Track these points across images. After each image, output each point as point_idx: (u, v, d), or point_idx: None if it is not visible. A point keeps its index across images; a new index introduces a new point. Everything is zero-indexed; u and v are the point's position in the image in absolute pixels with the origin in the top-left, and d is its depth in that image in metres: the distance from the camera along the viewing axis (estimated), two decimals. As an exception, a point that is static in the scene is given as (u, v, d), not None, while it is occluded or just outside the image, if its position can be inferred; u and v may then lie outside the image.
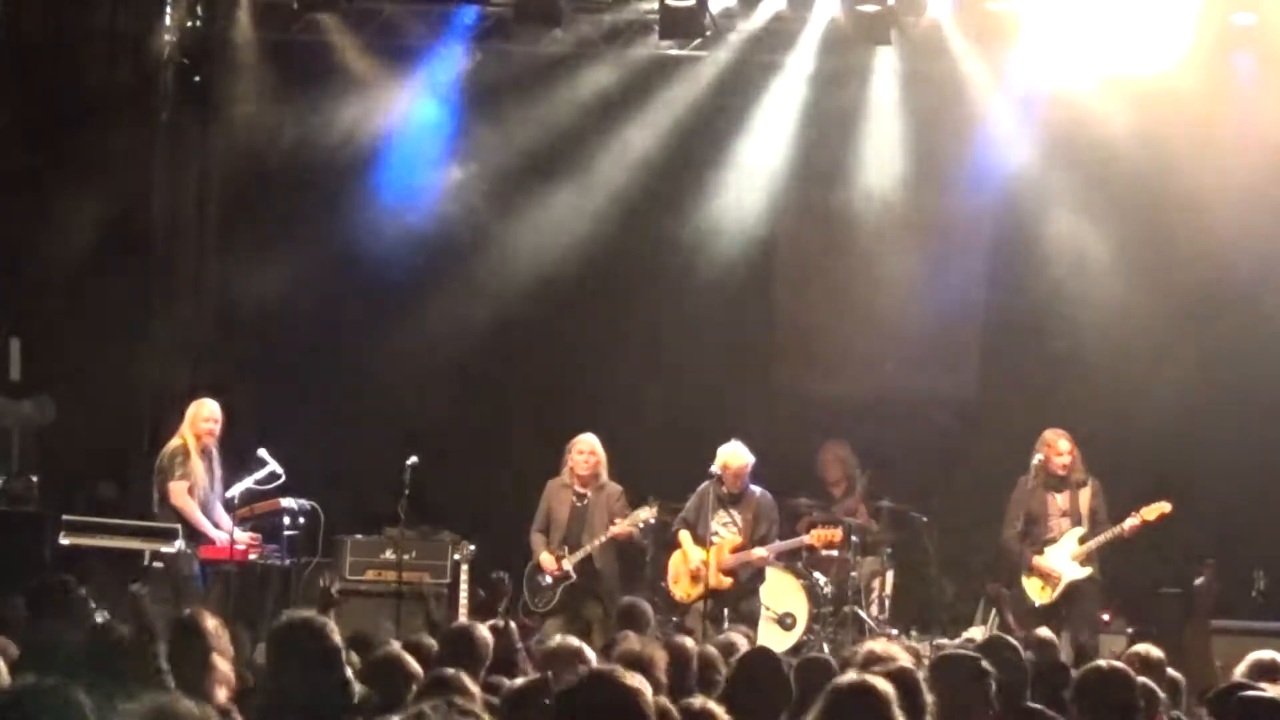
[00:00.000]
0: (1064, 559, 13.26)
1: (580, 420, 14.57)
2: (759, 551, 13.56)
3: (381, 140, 15.60)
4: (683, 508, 14.00)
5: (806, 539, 13.92)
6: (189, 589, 12.78)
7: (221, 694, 7.07)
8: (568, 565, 13.30)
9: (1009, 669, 7.37)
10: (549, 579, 13.37)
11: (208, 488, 13.06)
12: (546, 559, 13.38)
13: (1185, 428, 15.70)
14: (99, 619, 8.52)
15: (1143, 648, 9.31)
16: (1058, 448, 13.31)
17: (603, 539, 13.24)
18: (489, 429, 15.68)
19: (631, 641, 8.39)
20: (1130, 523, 13.18)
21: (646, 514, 13.30)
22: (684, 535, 13.68)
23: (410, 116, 15.61)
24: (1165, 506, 13.21)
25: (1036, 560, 13.29)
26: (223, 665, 7.38)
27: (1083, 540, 13.24)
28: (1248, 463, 15.48)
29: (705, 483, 13.55)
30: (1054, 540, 13.31)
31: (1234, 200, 15.12)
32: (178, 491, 12.93)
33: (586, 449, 13.44)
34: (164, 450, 13.14)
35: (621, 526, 13.21)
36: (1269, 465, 15.34)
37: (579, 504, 13.44)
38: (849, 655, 8.46)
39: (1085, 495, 13.33)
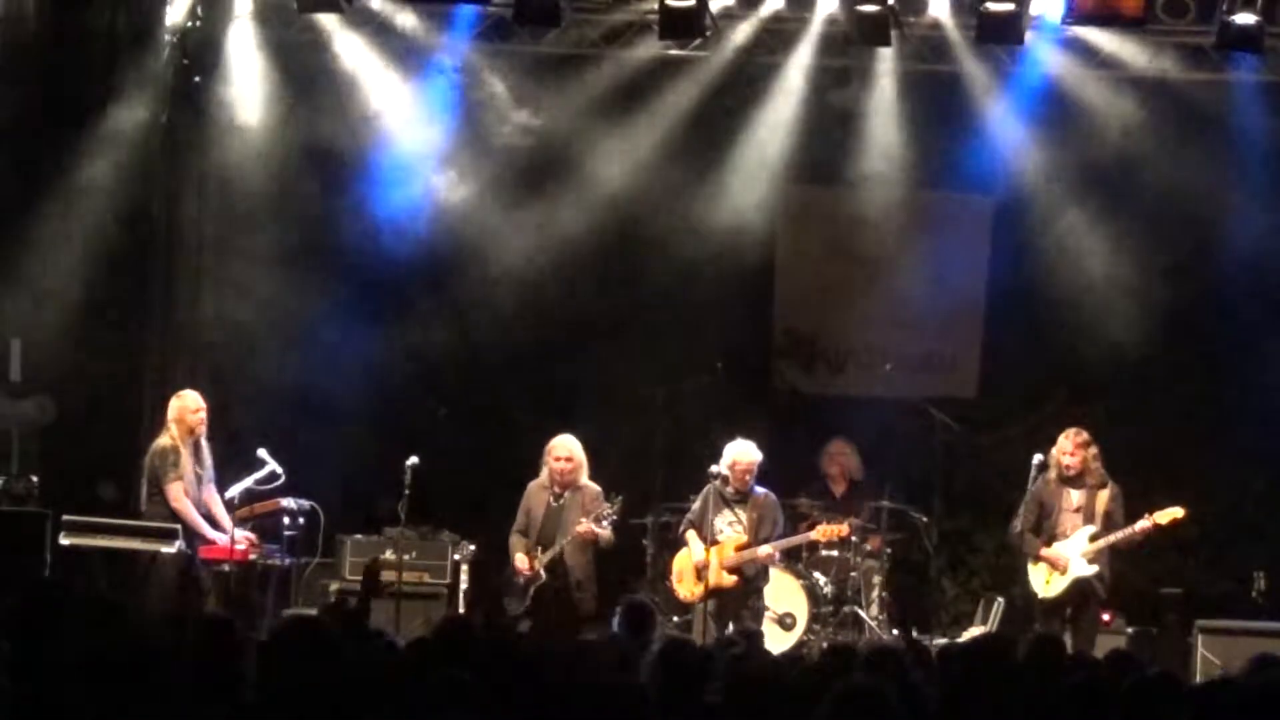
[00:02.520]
0: (1073, 553, 13.19)
1: (580, 420, 14.56)
2: (764, 549, 13.55)
3: (381, 140, 15.60)
4: (682, 508, 14.02)
5: (812, 534, 13.92)
6: (189, 588, 12.80)
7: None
8: (538, 566, 13.27)
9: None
10: (522, 580, 13.33)
11: (197, 486, 13.07)
12: (521, 559, 13.33)
13: (1187, 428, 15.72)
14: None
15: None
16: (1062, 448, 13.26)
17: (569, 539, 13.19)
18: (489, 429, 15.67)
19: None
20: (1142, 525, 13.11)
21: (608, 510, 13.22)
22: (691, 534, 13.66)
23: (410, 116, 15.59)
24: (1178, 512, 13.15)
25: (1045, 551, 13.23)
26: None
27: (1093, 539, 13.19)
28: (1249, 463, 15.49)
29: (709, 484, 13.52)
30: (1064, 536, 13.24)
31: (1237, 198, 15.14)
32: (175, 494, 12.91)
33: (564, 455, 13.37)
34: (153, 449, 13.10)
35: (584, 525, 13.15)
36: (1270, 466, 15.35)
37: (554, 504, 13.39)
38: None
39: (1103, 497, 13.26)
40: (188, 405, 13.12)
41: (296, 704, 6.16)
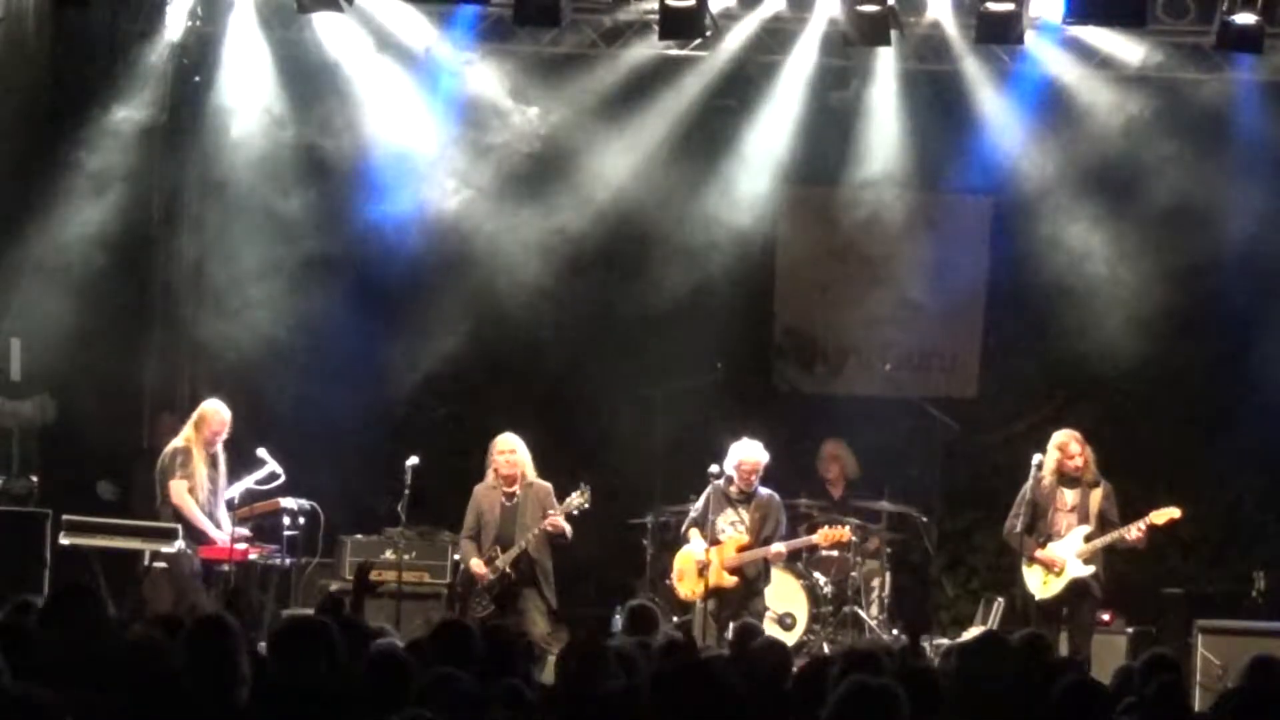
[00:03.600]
0: (1069, 554, 13.19)
1: (580, 420, 14.55)
2: (777, 546, 13.52)
3: (381, 140, 15.59)
4: (681, 508, 14.01)
5: (814, 538, 13.90)
6: (191, 588, 12.81)
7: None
8: (502, 565, 13.19)
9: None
10: (480, 585, 13.26)
11: (209, 490, 13.07)
12: (476, 565, 13.18)
13: (1186, 428, 15.71)
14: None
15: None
16: (1069, 450, 13.22)
17: (535, 533, 13.11)
18: (489, 429, 15.65)
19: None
20: (1138, 527, 13.11)
21: (579, 500, 13.16)
22: (693, 532, 13.64)
23: (410, 117, 15.59)
24: (1174, 512, 13.14)
25: (1040, 552, 13.22)
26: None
27: (1088, 539, 13.18)
28: (1248, 463, 15.49)
29: (713, 483, 13.48)
30: (1059, 536, 13.24)
31: (1237, 198, 15.14)
32: (177, 490, 12.95)
33: (507, 449, 13.30)
34: (166, 450, 13.18)
35: (553, 516, 13.07)
36: (1269, 466, 15.35)
37: (509, 503, 13.30)
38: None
39: (1096, 496, 13.26)
40: (210, 421, 13.12)
41: (294, 704, 6.16)
